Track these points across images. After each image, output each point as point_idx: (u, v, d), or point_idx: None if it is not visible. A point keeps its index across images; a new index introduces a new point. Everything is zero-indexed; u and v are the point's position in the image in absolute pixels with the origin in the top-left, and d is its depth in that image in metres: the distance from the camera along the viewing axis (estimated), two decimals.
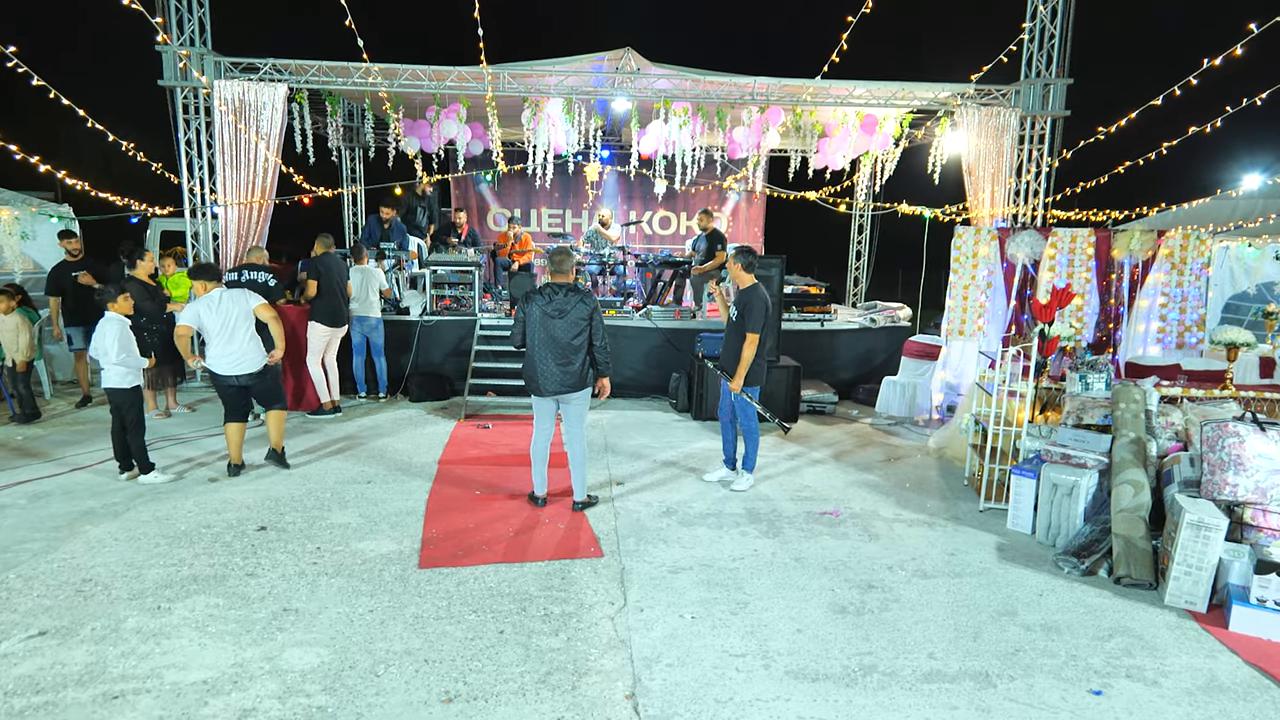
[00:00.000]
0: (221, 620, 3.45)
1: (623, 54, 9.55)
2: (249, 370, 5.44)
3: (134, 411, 5.32)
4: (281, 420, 5.76)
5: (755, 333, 5.26)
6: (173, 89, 8.21)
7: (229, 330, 5.34)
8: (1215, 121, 6.54)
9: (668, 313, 8.86)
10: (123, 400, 5.26)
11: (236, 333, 5.37)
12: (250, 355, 5.44)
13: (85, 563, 4.02)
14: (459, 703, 2.88)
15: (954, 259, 7.04)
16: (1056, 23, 8.51)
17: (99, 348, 5.18)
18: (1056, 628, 3.56)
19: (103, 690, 2.91)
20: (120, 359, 5.16)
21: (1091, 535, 4.33)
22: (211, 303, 5.34)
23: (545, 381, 4.72)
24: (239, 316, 5.38)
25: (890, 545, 4.52)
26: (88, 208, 8.96)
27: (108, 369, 5.20)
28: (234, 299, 5.40)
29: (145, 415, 5.51)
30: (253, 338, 5.45)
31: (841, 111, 9.68)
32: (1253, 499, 3.92)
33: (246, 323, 5.41)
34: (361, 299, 7.65)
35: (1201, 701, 3.01)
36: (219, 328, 5.33)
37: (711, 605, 3.70)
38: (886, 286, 15.86)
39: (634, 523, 4.77)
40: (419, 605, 3.63)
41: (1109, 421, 4.80)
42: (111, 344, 5.13)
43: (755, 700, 2.94)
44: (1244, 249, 7.69)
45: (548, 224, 13.49)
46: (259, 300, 5.51)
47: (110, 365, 5.17)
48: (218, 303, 5.34)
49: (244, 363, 5.41)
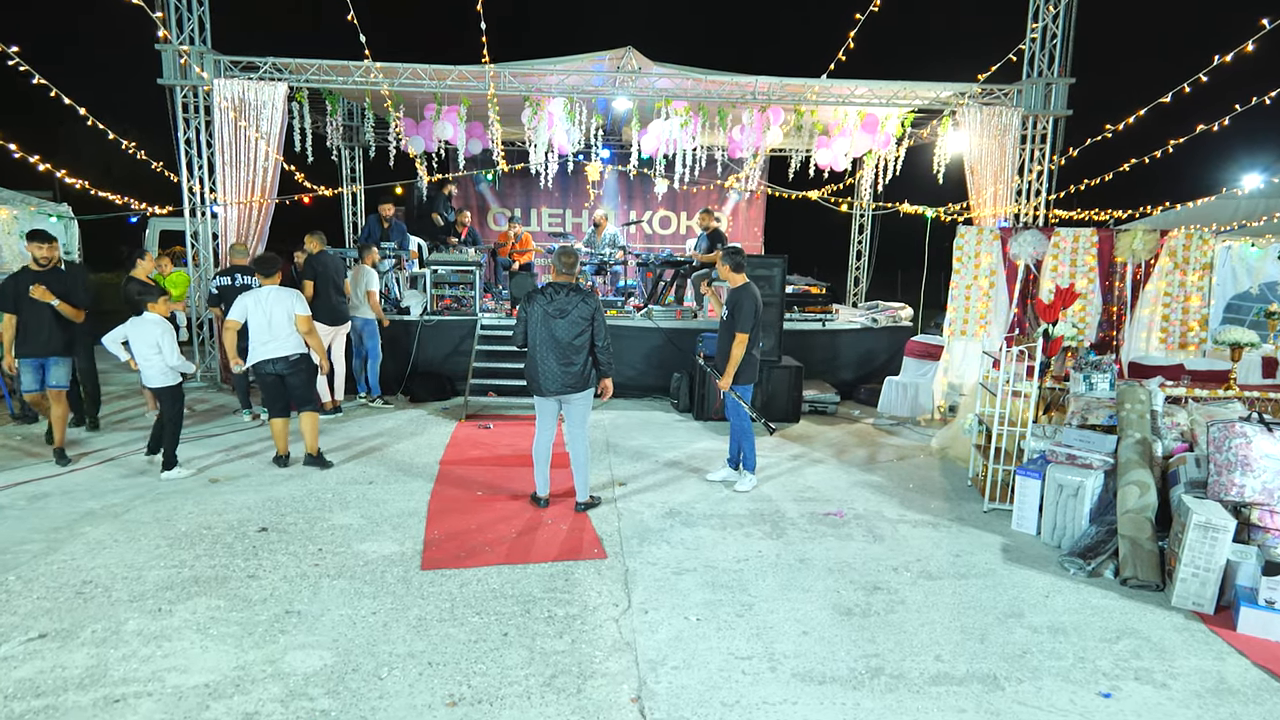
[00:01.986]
0: (223, 622, 3.42)
1: (624, 53, 9.53)
2: (281, 354, 5.49)
3: (174, 408, 5.48)
4: (315, 422, 5.79)
5: (744, 332, 5.23)
6: (172, 88, 8.18)
7: (269, 326, 5.46)
8: (1223, 120, 6.52)
9: (669, 312, 8.84)
10: (165, 396, 5.45)
11: (277, 329, 5.48)
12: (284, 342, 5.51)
13: (85, 564, 3.99)
14: (463, 706, 2.86)
15: (956, 259, 7.02)
16: (1059, 22, 8.50)
17: (142, 349, 5.33)
18: (1063, 629, 3.54)
19: (103, 694, 2.88)
20: (176, 363, 5.37)
21: (1097, 536, 4.31)
22: (260, 297, 5.46)
23: (547, 381, 4.70)
24: (283, 316, 5.49)
25: (895, 546, 4.49)
26: (87, 207, 8.94)
27: (148, 367, 5.35)
28: (279, 297, 5.50)
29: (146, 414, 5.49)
30: (292, 333, 5.54)
31: (842, 111, 9.66)
32: (1260, 500, 3.90)
33: (288, 323, 5.52)
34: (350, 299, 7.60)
35: (1211, 704, 2.99)
36: (264, 323, 5.45)
37: (716, 607, 3.68)
38: (886, 286, 15.84)
39: (637, 524, 4.75)
40: (422, 607, 3.60)
41: (1114, 422, 4.78)
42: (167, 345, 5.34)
43: (762, 703, 2.92)
44: (1246, 249, 7.67)
45: (548, 224, 13.47)
46: (303, 311, 5.60)
47: (155, 364, 5.33)
48: (266, 298, 5.47)
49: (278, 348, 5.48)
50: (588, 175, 12.12)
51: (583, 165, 11.71)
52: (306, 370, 5.68)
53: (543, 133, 9.13)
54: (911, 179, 10.75)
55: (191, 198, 8.46)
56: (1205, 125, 6.69)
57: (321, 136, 10.42)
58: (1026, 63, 8.76)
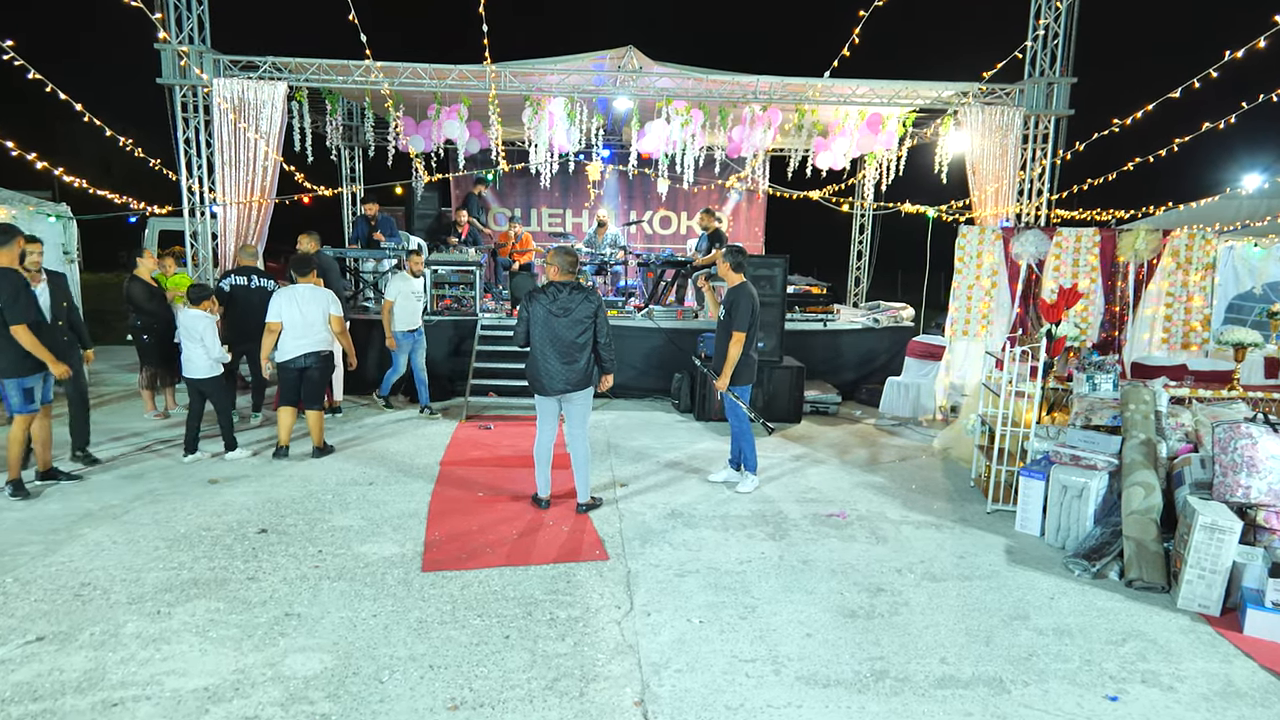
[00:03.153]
0: (222, 625, 3.40)
1: (624, 52, 9.50)
2: (314, 350, 5.76)
3: (221, 394, 5.89)
4: (320, 419, 6.05)
5: (741, 331, 5.20)
6: (172, 87, 8.15)
7: (305, 324, 5.70)
8: (1229, 118, 6.48)
9: (670, 313, 8.82)
10: (211, 387, 5.82)
11: (312, 327, 5.72)
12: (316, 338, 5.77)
13: (84, 566, 3.96)
14: (465, 710, 2.83)
15: (958, 259, 7.00)
16: (1061, 22, 8.47)
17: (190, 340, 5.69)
18: (1069, 632, 3.52)
19: (102, 697, 2.85)
20: (217, 354, 5.76)
21: (1102, 538, 4.28)
22: (294, 296, 5.67)
23: (550, 381, 4.67)
24: (319, 314, 5.74)
25: (898, 547, 4.47)
26: (86, 207, 8.90)
27: (195, 358, 5.72)
28: (315, 296, 5.74)
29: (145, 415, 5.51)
30: (324, 330, 5.81)
31: (843, 110, 9.63)
32: (1266, 501, 3.88)
33: (323, 321, 5.78)
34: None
35: (1219, 707, 2.96)
36: (299, 320, 5.68)
37: (719, 609, 3.66)
38: (887, 286, 15.83)
39: (639, 525, 4.72)
40: (423, 609, 3.57)
41: (1118, 422, 4.76)
42: (209, 338, 5.70)
43: (766, 707, 2.90)
44: (1249, 249, 7.64)
45: (548, 223, 13.44)
46: (338, 312, 5.84)
47: (199, 356, 5.70)
48: (303, 298, 5.68)
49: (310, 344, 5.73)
50: (588, 175, 12.09)
51: (583, 165, 11.68)
52: (328, 369, 5.95)
53: (543, 132, 9.10)
54: (913, 179, 10.73)
55: (191, 197, 8.43)
56: (1211, 123, 6.65)
57: (321, 136, 10.39)
58: (1028, 62, 8.73)
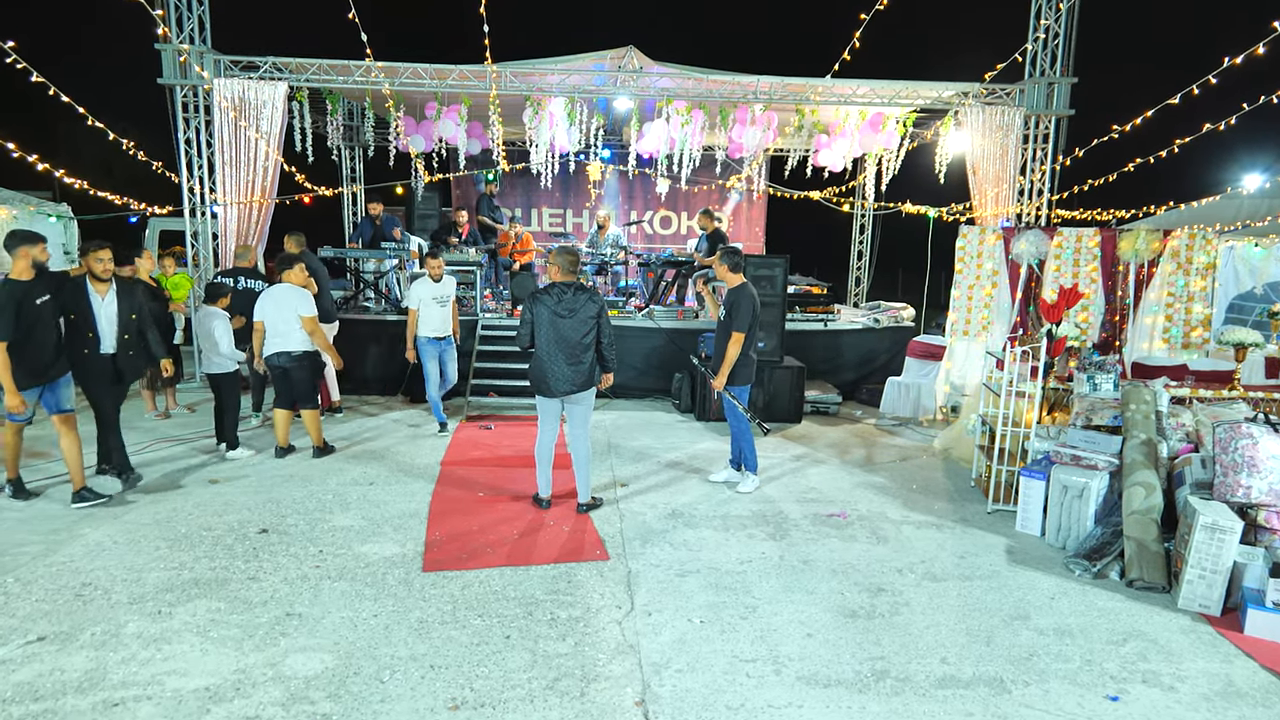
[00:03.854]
0: (223, 625, 3.40)
1: (625, 52, 9.50)
2: (286, 349, 5.77)
3: (234, 393, 6.01)
4: (316, 417, 6.06)
5: (740, 332, 5.20)
6: (172, 87, 8.16)
7: (279, 322, 5.74)
8: (1230, 119, 6.48)
9: (670, 313, 8.81)
10: (226, 383, 5.97)
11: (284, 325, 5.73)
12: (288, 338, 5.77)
13: (84, 566, 3.96)
14: (466, 710, 2.83)
15: (958, 259, 7.00)
16: (1061, 22, 8.47)
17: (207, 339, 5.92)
18: (1070, 632, 3.52)
19: (103, 697, 2.86)
20: (229, 352, 5.94)
21: (1103, 538, 4.28)
22: (273, 295, 5.75)
23: (556, 383, 4.66)
24: (289, 313, 5.73)
25: (899, 547, 4.47)
26: (87, 207, 8.90)
27: (210, 354, 5.94)
28: (286, 296, 5.73)
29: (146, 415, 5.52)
30: (296, 330, 5.77)
31: (844, 111, 9.63)
32: (1267, 501, 3.88)
33: (295, 320, 5.76)
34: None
35: (1220, 707, 2.96)
36: (275, 319, 5.73)
37: (720, 609, 3.66)
38: (888, 286, 15.82)
39: (639, 525, 4.72)
40: (423, 609, 3.57)
41: (1119, 422, 4.76)
42: (222, 337, 5.91)
43: (767, 707, 2.90)
44: (1250, 249, 7.65)
45: (549, 223, 13.44)
46: (309, 311, 5.79)
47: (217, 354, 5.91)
48: (277, 296, 5.74)
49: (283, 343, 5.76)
50: (588, 175, 12.08)
51: (583, 165, 11.67)
52: (310, 368, 5.90)
53: (544, 132, 9.10)
54: (913, 179, 10.73)
55: (191, 198, 8.44)
56: (1212, 124, 6.65)
57: (321, 136, 10.39)
58: (1029, 62, 8.73)
